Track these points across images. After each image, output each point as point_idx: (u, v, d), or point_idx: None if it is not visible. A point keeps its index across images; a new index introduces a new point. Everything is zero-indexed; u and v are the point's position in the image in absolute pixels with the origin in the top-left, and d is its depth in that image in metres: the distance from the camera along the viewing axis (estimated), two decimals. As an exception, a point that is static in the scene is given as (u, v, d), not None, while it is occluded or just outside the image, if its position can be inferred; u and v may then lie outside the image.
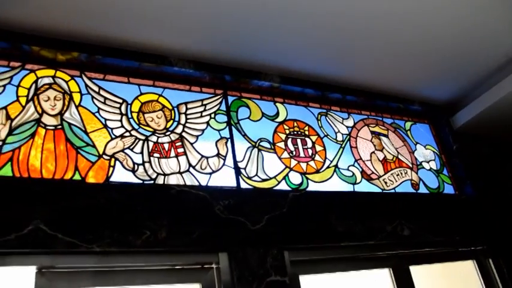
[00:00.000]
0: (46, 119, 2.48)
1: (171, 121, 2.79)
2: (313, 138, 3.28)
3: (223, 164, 2.79)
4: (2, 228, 2.05)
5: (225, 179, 2.74)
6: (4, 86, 2.48)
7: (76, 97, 2.61)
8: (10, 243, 2.05)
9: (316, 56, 3.20)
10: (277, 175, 2.93)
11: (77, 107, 2.58)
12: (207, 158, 2.76)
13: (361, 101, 3.71)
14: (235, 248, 2.47)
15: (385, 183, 3.39)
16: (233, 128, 2.96)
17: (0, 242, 2.03)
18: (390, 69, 3.51)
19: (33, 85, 2.55)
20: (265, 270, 2.47)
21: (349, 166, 3.31)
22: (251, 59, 3.11)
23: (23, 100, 2.49)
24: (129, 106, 2.72)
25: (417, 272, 3.13)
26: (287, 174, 2.97)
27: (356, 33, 2.99)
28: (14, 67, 2.57)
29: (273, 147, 3.04)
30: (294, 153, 3.10)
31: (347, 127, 3.53)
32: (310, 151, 3.18)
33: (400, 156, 3.65)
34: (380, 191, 3.33)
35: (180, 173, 2.62)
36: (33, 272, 2.17)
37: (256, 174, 2.85)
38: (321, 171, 3.14)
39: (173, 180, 2.57)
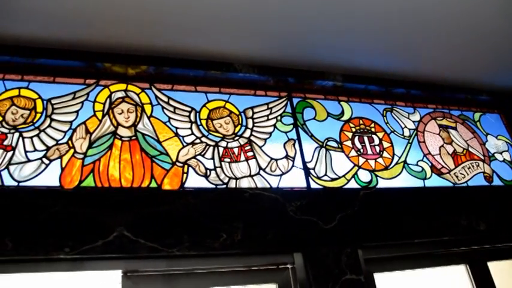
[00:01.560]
0: (121, 131, 2.61)
1: (239, 126, 2.85)
2: (380, 134, 3.25)
3: (293, 165, 2.82)
4: (90, 235, 2.19)
5: (295, 180, 2.77)
6: (82, 102, 2.64)
7: (147, 108, 2.73)
8: (98, 249, 2.18)
9: (379, 52, 3.17)
10: (346, 174, 2.92)
11: (148, 117, 2.70)
12: (276, 160, 2.80)
13: (426, 94, 3.63)
14: (310, 247, 2.49)
15: (457, 177, 3.30)
16: (300, 129, 2.99)
17: (88, 248, 2.17)
18: (455, 59, 3.40)
19: (108, 100, 2.70)
20: (340, 269, 2.47)
21: (418, 161, 3.25)
22: (313, 59, 3.12)
23: (99, 114, 2.63)
24: (197, 114, 2.81)
25: (496, 267, 3.03)
26: (356, 173, 2.96)
27: (418, 25, 2.93)
28: (90, 84, 2.73)
29: (340, 146, 3.04)
30: (362, 151, 3.08)
31: (413, 122, 3.47)
32: (377, 148, 3.16)
33: (470, 149, 3.54)
34: (451, 185, 3.24)
35: (251, 176, 2.67)
36: (119, 275, 2.29)
37: (326, 174, 2.86)
38: (389, 167, 3.11)
39: (245, 183, 2.63)
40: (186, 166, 2.58)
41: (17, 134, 2.47)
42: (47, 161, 2.41)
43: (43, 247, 2.14)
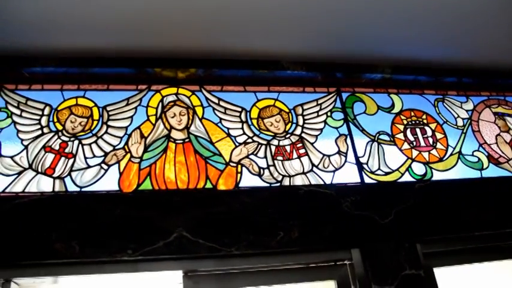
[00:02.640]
0: (175, 134, 2.67)
1: (290, 123, 2.86)
2: (433, 126, 3.17)
3: (345, 161, 2.80)
4: (151, 237, 2.26)
5: (348, 175, 2.75)
6: (135, 108, 2.72)
7: (199, 110, 2.78)
8: (159, 250, 2.24)
9: (428, 41, 3.10)
10: (400, 167, 2.88)
11: (200, 119, 2.75)
12: (328, 156, 2.79)
13: (479, 81, 3.51)
14: (367, 243, 2.47)
15: (516, 166, 3.19)
16: (350, 124, 2.97)
17: (150, 249, 2.23)
18: (509, 45, 3.29)
19: (160, 104, 2.77)
20: (398, 264, 2.44)
21: (473, 152, 3.16)
22: (361, 53, 3.09)
23: (152, 119, 2.70)
24: (248, 113, 2.83)
25: None
26: (410, 166, 2.91)
27: (468, 11, 2.85)
28: (142, 89, 2.81)
29: (392, 139, 3.00)
30: (415, 143, 3.03)
31: (467, 111, 3.37)
32: (430, 140, 3.09)
33: (529, 136, 3.41)
34: (511, 175, 3.13)
35: (304, 173, 2.67)
36: (180, 276, 2.34)
37: (379, 168, 2.83)
38: (444, 159, 3.04)
39: (298, 181, 2.63)
40: (239, 166, 2.61)
41: (76, 142, 2.57)
42: (105, 167, 2.50)
43: (107, 249, 2.22)
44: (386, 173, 2.82)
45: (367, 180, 2.76)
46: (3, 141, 2.54)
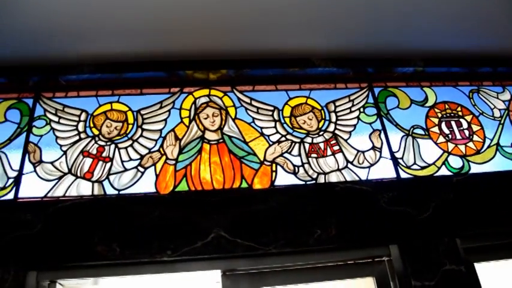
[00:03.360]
0: (208, 135, 2.69)
1: (323, 121, 2.85)
2: (468, 118, 3.11)
3: (380, 156, 2.77)
4: (190, 237, 2.28)
5: (384, 171, 2.72)
6: (169, 110, 2.76)
7: (231, 111, 2.80)
8: (197, 250, 2.27)
9: (461, 31, 3.03)
10: (436, 161, 2.83)
11: (233, 120, 2.77)
12: (363, 152, 2.77)
13: (515, 70, 3.43)
14: (405, 239, 2.43)
15: (558, 156, 3.10)
16: (384, 119, 2.94)
17: (189, 250, 2.26)
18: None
19: (193, 106, 2.80)
20: (438, 259, 2.40)
21: (512, 143, 3.09)
22: (391, 47, 3.05)
23: (186, 121, 2.73)
24: (280, 112, 2.84)
25: None
26: (446, 159, 2.86)
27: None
28: (174, 92, 2.85)
29: (427, 133, 2.95)
30: (450, 136, 2.97)
31: (503, 101, 3.29)
32: (466, 132, 3.03)
33: None
34: (552, 165, 3.05)
35: (339, 170, 2.66)
36: (218, 275, 2.36)
37: (415, 163, 2.79)
38: (481, 151, 2.97)
39: (334, 178, 2.62)
40: (274, 164, 2.62)
41: (113, 146, 2.62)
42: (142, 169, 2.54)
43: (147, 250, 2.26)
44: (423, 168, 2.78)
45: (403, 175, 2.73)
46: (44, 147, 2.62)
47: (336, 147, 2.75)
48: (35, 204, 2.42)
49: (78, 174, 2.52)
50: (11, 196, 2.46)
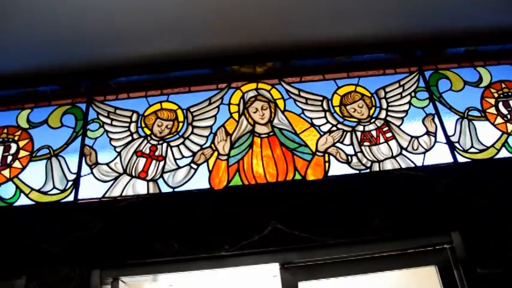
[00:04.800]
0: (259, 129, 2.69)
1: (373, 108, 2.79)
2: (527, 96, 2.98)
3: (435, 141, 2.69)
4: (247, 231, 2.29)
5: (440, 156, 2.64)
6: (218, 106, 2.78)
7: (280, 103, 2.79)
8: (255, 244, 2.28)
9: (512, 5, 2.90)
10: (494, 143, 2.72)
11: (282, 112, 2.76)
12: (417, 137, 2.69)
13: None
14: (467, 225, 2.35)
15: None
16: (437, 102, 2.84)
17: (246, 243, 2.27)
18: None
19: (241, 100, 2.80)
20: (504, 245, 2.30)
21: None
22: (440, 27, 2.95)
23: (235, 116, 2.75)
24: (330, 101, 2.80)
25: None
26: (506, 140, 2.74)
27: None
28: (222, 88, 2.86)
29: (483, 114, 2.84)
30: (509, 116, 2.85)
31: None
32: (526, 111, 2.90)
33: None
34: None
35: (393, 157, 2.60)
36: (276, 268, 2.35)
37: (472, 146, 2.69)
38: (543, 130, 2.84)
39: (388, 165, 2.56)
40: (326, 155, 2.59)
41: (165, 145, 2.66)
42: (195, 166, 2.57)
43: (205, 246, 2.28)
44: (481, 150, 2.68)
45: (460, 159, 2.63)
46: (99, 150, 2.69)
47: (389, 134, 2.69)
48: (94, 204, 2.49)
49: (133, 174, 2.58)
50: (71, 198, 2.54)
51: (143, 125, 2.75)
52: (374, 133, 2.69)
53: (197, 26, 2.65)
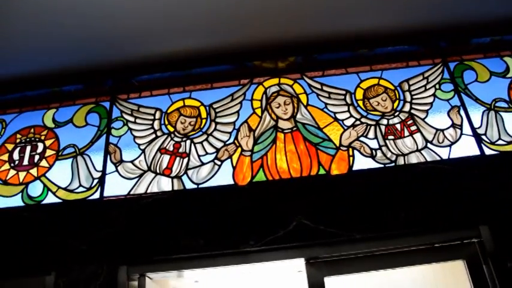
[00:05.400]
0: (282, 124, 2.68)
1: (397, 101, 2.76)
2: (557, 85, 2.90)
3: (461, 134, 2.64)
4: (271, 226, 2.29)
5: (466, 148, 2.59)
6: (240, 102, 2.78)
7: (303, 98, 2.78)
8: (280, 239, 2.27)
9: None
10: (524, 134, 2.67)
11: (305, 107, 2.74)
12: (442, 130, 2.65)
13: None
14: (496, 218, 2.30)
15: None
16: (462, 94, 2.79)
17: (271, 239, 2.27)
18: None
19: (264, 96, 2.80)
20: (534, 239, 2.26)
21: None
22: (463, 17, 2.88)
23: (258, 111, 2.74)
24: (353, 95, 2.77)
25: None
26: (535, 131, 2.68)
27: None
28: (244, 84, 2.86)
29: (511, 105, 2.78)
30: (538, 106, 2.79)
31: None
32: (556, 101, 2.83)
33: None
34: None
35: (418, 150, 2.56)
36: (301, 263, 2.35)
37: (500, 138, 2.63)
38: None
39: (413, 159, 2.53)
40: (350, 149, 2.56)
41: (188, 141, 2.67)
42: (218, 162, 2.58)
43: (230, 241, 2.29)
44: (509, 142, 2.62)
45: (487, 151, 2.58)
46: (123, 147, 2.72)
47: (414, 127, 2.65)
48: (120, 202, 2.52)
49: (158, 171, 2.59)
50: (97, 196, 2.58)
51: (166, 122, 2.77)
52: (398, 126, 2.65)
53: (218, 22, 2.65)
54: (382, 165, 2.51)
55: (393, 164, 2.51)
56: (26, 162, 2.77)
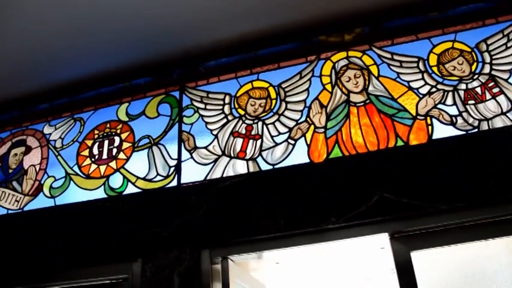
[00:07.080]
0: (354, 98, 2.61)
1: (475, 63, 2.59)
2: None
3: (548, 93, 2.45)
4: (352, 202, 2.25)
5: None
6: (309, 79, 2.74)
7: (373, 69, 2.68)
8: (362, 215, 2.23)
9: None
10: None
11: (377, 78, 2.65)
12: (528, 90, 2.48)
13: None
14: None
15: None
16: (549, 49, 2.59)
17: (353, 215, 2.23)
18: None
19: (333, 71, 2.73)
20: None
21: None
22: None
23: (328, 87, 2.68)
24: (426, 62, 2.64)
25: None
26: None
27: None
28: (312, 60, 2.81)
29: None
30: None
31: None
32: None
33: None
34: None
35: (503, 113, 2.40)
36: (384, 240, 2.29)
37: None
38: None
39: (498, 123, 2.37)
40: (428, 118, 2.44)
41: (260, 123, 2.66)
42: (292, 141, 2.55)
43: (311, 220, 2.27)
44: None
45: None
46: (196, 134, 2.76)
47: (496, 90, 2.48)
48: (197, 187, 2.56)
49: (232, 155, 2.61)
50: (174, 183, 2.63)
51: (236, 106, 2.77)
52: (479, 90, 2.50)
53: (278, 1, 2.60)
54: (465, 132, 2.38)
55: (476, 130, 2.37)
56: (105, 156, 2.88)
